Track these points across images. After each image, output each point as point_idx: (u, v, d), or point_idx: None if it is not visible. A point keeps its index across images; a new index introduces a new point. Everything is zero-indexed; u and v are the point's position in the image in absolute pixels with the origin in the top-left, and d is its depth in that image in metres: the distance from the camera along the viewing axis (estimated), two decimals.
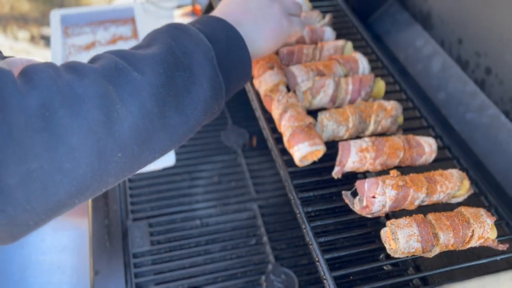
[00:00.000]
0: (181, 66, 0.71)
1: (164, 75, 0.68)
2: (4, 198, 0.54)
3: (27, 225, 0.59)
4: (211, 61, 0.74)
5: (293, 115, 0.96)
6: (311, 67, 1.09)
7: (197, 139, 1.75)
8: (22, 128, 0.54)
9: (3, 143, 0.53)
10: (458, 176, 0.93)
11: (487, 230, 0.85)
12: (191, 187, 1.59)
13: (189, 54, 0.72)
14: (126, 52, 0.69)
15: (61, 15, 1.73)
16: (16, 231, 0.59)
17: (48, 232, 1.38)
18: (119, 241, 1.34)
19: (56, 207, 0.60)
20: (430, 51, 1.35)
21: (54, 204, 0.59)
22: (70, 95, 0.59)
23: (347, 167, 0.94)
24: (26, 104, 0.56)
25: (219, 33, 0.78)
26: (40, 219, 0.59)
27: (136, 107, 0.64)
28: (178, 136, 0.73)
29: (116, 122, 0.62)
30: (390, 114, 1.01)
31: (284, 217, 1.52)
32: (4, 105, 0.54)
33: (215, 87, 0.75)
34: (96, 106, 0.60)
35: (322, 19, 1.29)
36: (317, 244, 0.84)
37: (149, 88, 0.66)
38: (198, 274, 1.35)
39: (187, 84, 0.71)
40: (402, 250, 0.81)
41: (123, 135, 0.63)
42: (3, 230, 0.57)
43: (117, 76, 0.64)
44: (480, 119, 1.16)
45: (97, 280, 1.23)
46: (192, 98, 0.72)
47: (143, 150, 0.67)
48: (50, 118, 0.57)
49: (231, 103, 1.92)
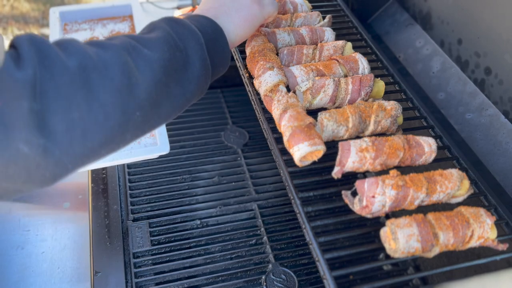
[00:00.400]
0: (179, 48, 0.84)
1: (168, 53, 0.81)
2: (54, 142, 0.65)
3: (66, 168, 0.69)
4: (201, 46, 0.87)
5: (293, 115, 0.96)
6: (311, 67, 1.09)
7: (197, 139, 1.75)
8: (67, 84, 0.67)
9: (53, 95, 0.65)
10: (458, 176, 0.93)
11: (487, 230, 0.85)
12: (191, 187, 1.59)
13: (184, 39, 0.85)
14: (135, 35, 0.83)
15: (60, 12, 1.76)
16: (58, 172, 0.69)
17: (48, 232, 1.38)
18: (119, 241, 1.34)
19: (89, 153, 0.71)
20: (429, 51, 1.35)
21: (88, 151, 0.70)
22: (99, 61, 0.72)
23: (347, 167, 0.94)
24: (67, 65, 0.68)
25: (206, 26, 0.91)
26: (76, 163, 0.71)
27: (150, 75, 0.77)
28: (177, 105, 0.85)
29: (135, 86, 0.75)
30: (390, 114, 1.01)
31: (284, 217, 1.53)
32: (51, 66, 0.66)
33: (205, 68, 0.89)
34: (120, 71, 0.73)
35: (322, 20, 1.29)
36: (317, 244, 0.84)
37: (158, 61, 0.79)
38: (198, 274, 1.35)
39: (184, 63, 0.85)
40: (402, 250, 0.82)
41: (141, 97, 0.76)
42: (48, 170, 0.67)
43: (132, 50, 0.77)
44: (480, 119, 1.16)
45: (97, 280, 1.24)
46: (188, 74, 0.85)
47: (153, 113, 0.80)
48: (87, 78, 0.69)
49: (231, 103, 1.92)
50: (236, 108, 1.90)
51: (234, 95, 1.95)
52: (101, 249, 1.31)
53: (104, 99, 0.71)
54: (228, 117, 1.85)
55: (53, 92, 0.65)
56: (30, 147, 0.63)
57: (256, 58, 1.10)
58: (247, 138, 1.77)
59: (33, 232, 1.38)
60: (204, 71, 0.88)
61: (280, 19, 1.26)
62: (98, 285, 1.23)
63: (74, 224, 1.41)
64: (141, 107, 0.76)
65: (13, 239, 1.35)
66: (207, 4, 0.99)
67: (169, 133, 1.75)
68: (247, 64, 1.13)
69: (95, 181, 1.48)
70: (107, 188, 1.47)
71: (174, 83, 0.83)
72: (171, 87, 0.82)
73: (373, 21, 1.58)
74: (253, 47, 1.13)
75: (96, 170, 1.51)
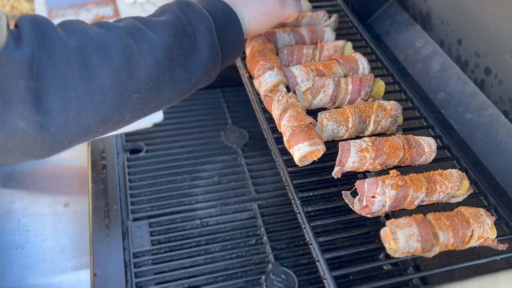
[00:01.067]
0: (187, 33, 0.85)
1: (173, 37, 0.82)
2: (50, 119, 0.68)
3: (63, 143, 0.72)
4: (211, 32, 0.88)
5: (293, 115, 0.96)
6: (311, 67, 1.09)
7: (197, 139, 1.75)
8: (65, 63, 0.69)
9: (50, 74, 0.67)
10: (458, 176, 0.93)
11: (487, 230, 0.85)
12: (191, 187, 1.59)
13: (193, 24, 0.86)
14: (143, 17, 0.84)
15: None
16: (54, 147, 0.72)
17: (48, 232, 1.38)
18: (119, 241, 1.34)
19: (85, 131, 0.74)
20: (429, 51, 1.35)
21: (84, 128, 0.73)
22: (100, 43, 0.74)
23: (347, 167, 0.94)
24: (67, 45, 0.70)
25: (219, 11, 0.92)
26: (72, 140, 0.73)
27: (151, 59, 0.78)
28: (181, 90, 0.87)
29: (135, 69, 0.76)
30: (389, 114, 1.01)
31: (284, 217, 1.53)
32: (50, 45, 0.68)
33: (214, 53, 0.89)
34: (120, 53, 0.75)
35: (328, 19, 1.29)
36: (317, 244, 0.84)
37: (161, 46, 0.80)
38: (198, 274, 1.35)
39: (191, 48, 0.85)
40: (402, 250, 0.82)
41: (140, 79, 0.77)
42: (45, 145, 0.70)
43: (136, 33, 0.79)
44: (480, 119, 1.16)
45: (97, 280, 1.24)
46: (195, 60, 0.86)
47: (154, 96, 0.81)
48: (85, 59, 0.71)
49: (231, 103, 1.92)
50: (236, 108, 1.90)
51: (234, 95, 1.95)
52: (101, 249, 1.31)
53: (102, 80, 0.72)
54: (228, 117, 1.85)
55: (51, 71, 0.67)
56: (27, 123, 0.66)
57: (256, 58, 1.10)
58: (247, 138, 1.77)
59: (33, 232, 1.37)
60: (212, 56, 0.89)
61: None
62: (98, 285, 1.23)
63: (74, 224, 1.41)
64: (140, 90, 0.78)
65: (13, 239, 1.35)
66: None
67: (169, 132, 1.75)
68: (247, 64, 1.13)
69: (95, 181, 1.48)
70: (107, 188, 1.47)
71: (179, 68, 0.83)
72: (175, 71, 0.83)
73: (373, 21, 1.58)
74: (253, 47, 1.13)
75: (96, 170, 1.52)
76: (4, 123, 0.65)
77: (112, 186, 1.48)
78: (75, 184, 1.51)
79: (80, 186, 1.50)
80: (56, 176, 1.53)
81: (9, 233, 1.36)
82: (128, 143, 1.68)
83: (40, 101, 0.67)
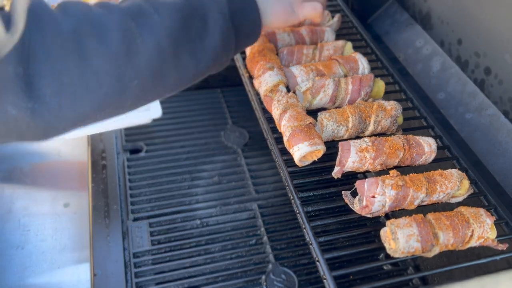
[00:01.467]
0: (197, 17, 0.80)
1: (180, 22, 0.77)
2: (42, 105, 0.66)
3: (58, 129, 0.70)
4: (224, 16, 0.83)
5: (293, 115, 0.96)
6: (311, 67, 1.09)
7: (197, 139, 1.75)
8: (58, 48, 0.66)
9: (43, 59, 0.65)
10: (458, 176, 0.93)
11: (487, 230, 0.85)
12: (191, 187, 1.59)
13: (204, 7, 0.81)
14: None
15: None
16: (49, 132, 0.70)
17: (48, 232, 1.38)
18: (119, 241, 1.34)
19: (81, 117, 0.71)
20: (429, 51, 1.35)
21: (80, 114, 0.70)
22: (98, 26, 0.70)
23: (347, 167, 0.94)
24: (61, 28, 0.67)
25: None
26: (68, 125, 0.71)
27: (153, 44, 0.74)
28: (187, 76, 0.82)
29: (135, 54, 0.72)
30: (389, 114, 1.01)
31: (284, 217, 1.53)
32: (43, 28, 0.66)
33: (226, 39, 0.84)
34: (119, 38, 0.71)
35: (331, 19, 1.29)
36: (317, 244, 0.84)
37: (165, 30, 0.75)
38: (198, 274, 1.35)
39: (200, 33, 0.80)
40: (402, 250, 0.82)
41: (140, 65, 0.73)
42: (39, 130, 0.69)
43: (139, 16, 0.74)
44: (480, 119, 1.16)
45: (97, 280, 1.24)
46: (203, 45, 0.81)
47: (157, 83, 0.77)
48: (81, 43, 0.68)
49: (231, 103, 1.92)
50: (236, 108, 1.90)
51: (234, 95, 1.95)
52: (101, 249, 1.31)
53: (98, 66, 0.69)
54: (228, 117, 1.85)
55: (43, 55, 0.65)
56: (18, 110, 0.65)
57: (256, 58, 1.10)
58: (247, 138, 1.77)
59: (33, 232, 1.37)
60: (224, 43, 0.84)
61: None
62: (98, 285, 1.23)
63: (74, 224, 1.41)
64: (139, 76, 0.74)
65: (13, 239, 1.35)
66: None
67: (169, 132, 1.75)
68: (247, 64, 1.14)
69: (95, 181, 1.48)
70: (107, 188, 1.47)
71: (185, 54, 0.79)
72: (180, 57, 0.78)
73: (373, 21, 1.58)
74: (253, 47, 1.13)
75: (96, 170, 1.52)
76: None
77: (112, 186, 1.48)
78: (75, 184, 1.51)
79: (80, 186, 1.50)
80: (56, 176, 1.53)
81: (9, 233, 1.36)
82: (128, 143, 1.68)
83: (31, 87, 0.64)
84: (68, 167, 1.56)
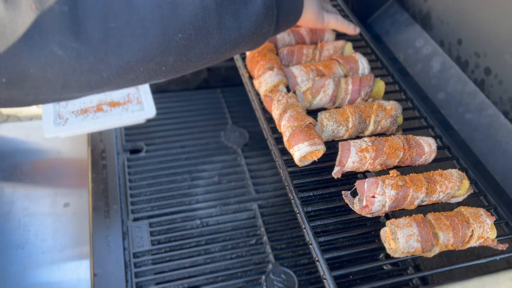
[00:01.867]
0: None
1: None
2: (89, 48, 0.66)
3: (101, 76, 0.70)
4: None
5: (293, 115, 0.96)
6: (311, 67, 1.10)
7: (197, 139, 1.75)
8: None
9: (92, 2, 0.66)
10: (458, 176, 0.93)
11: (487, 230, 0.85)
12: (191, 187, 1.59)
13: None
14: None
15: None
16: (93, 79, 0.70)
17: (48, 232, 1.38)
18: (119, 241, 1.34)
19: (125, 67, 0.71)
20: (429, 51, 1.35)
21: (125, 63, 0.71)
22: None
23: (347, 167, 0.94)
24: None
25: None
26: (111, 74, 0.71)
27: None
28: (230, 39, 0.82)
29: (179, 6, 0.73)
30: (389, 114, 1.01)
31: (284, 217, 1.53)
32: None
33: (268, 7, 0.85)
34: None
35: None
36: (317, 244, 0.84)
37: None
38: (198, 274, 1.35)
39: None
40: (402, 250, 0.82)
41: (185, 18, 0.74)
42: (83, 75, 0.68)
43: None
44: (480, 119, 1.16)
45: (97, 280, 1.24)
46: (247, 9, 0.82)
47: (199, 40, 0.77)
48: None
49: (231, 103, 1.92)
50: (236, 108, 1.90)
51: (234, 95, 1.95)
52: (101, 249, 1.31)
53: (144, 14, 0.70)
54: (228, 117, 1.85)
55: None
56: (64, 50, 0.65)
57: (256, 58, 1.10)
58: (247, 138, 1.77)
59: (33, 232, 1.38)
60: (266, 10, 0.84)
61: None
62: (98, 285, 1.23)
63: (74, 224, 1.41)
64: (184, 30, 0.74)
65: (13, 239, 1.35)
66: None
67: (169, 132, 1.75)
68: (247, 64, 1.14)
69: (95, 181, 1.48)
70: (107, 188, 1.47)
71: (229, 15, 0.80)
72: (223, 17, 0.79)
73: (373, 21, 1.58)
74: None
75: (96, 170, 1.52)
76: (41, 51, 0.64)
77: (112, 186, 1.48)
78: (75, 184, 1.51)
79: (80, 186, 1.50)
80: (56, 176, 1.53)
81: (9, 233, 1.37)
82: (128, 143, 1.68)
83: (78, 28, 0.65)
84: (68, 167, 1.56)
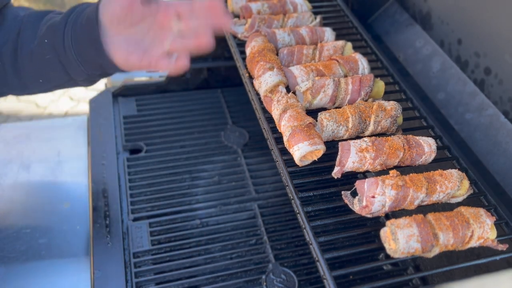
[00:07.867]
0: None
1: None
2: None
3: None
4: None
5: (292, 115, 0.96)
6: (311, 67, 1.10)
7: (197, 139, 1.75)
8: None
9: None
10: (458, 176, 0.93)
11: (487, 230, 0.85)
12: (191, 187, 1.59)
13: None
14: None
15: None
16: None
17: (48, 232, 1.38)
18: (119, 241, 1.34)
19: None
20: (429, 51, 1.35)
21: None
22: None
23: (347, 167, 0.94)
24: None
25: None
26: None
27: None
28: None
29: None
30: (389, 114, 1.01)
31: (284, 217, 1.53)
32: None
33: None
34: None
35: (314, 20, 1.29)
36: (317, 244, 0.84)
37: None
38: (198, 274, 1.35)
39: None
40: (402, 250, 0.82)
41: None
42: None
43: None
44: (480, 119, 1.16)
45: (97, 280, 1.24)
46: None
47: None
48: None
49: (231, 103, 1.92)
50: (236, 108, 1.90)
51: (234, 95, 1.95)
52: (101, 249, 1.31)
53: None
54: (228, 117, 1.85)
55: None
56: None
57: (256, 58, 1.10)
58: (247, 138, 1.77)
59: (33, 232, 1.38)
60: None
61: (272, 19, 1.26)
62: (98, 285, 1.23)
63: (74, 224, 1.41)
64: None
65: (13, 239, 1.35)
66: None
67: (169, 132, 1.75)
68: (247, 64, 1.13)
69: (95, 181, 1.48)
70: (107, 188, 1.47)
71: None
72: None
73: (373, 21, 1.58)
74: (253, 48, 1.13)
75: (96, 169, 1.52)
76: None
77: (112, 186, 1.48)
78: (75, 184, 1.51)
79: (80, 186, 1.50)
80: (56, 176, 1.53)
81: (9, 233, 1.37)
82: (128, 143, 1.68)
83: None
84: (68, 167, 1.56)
